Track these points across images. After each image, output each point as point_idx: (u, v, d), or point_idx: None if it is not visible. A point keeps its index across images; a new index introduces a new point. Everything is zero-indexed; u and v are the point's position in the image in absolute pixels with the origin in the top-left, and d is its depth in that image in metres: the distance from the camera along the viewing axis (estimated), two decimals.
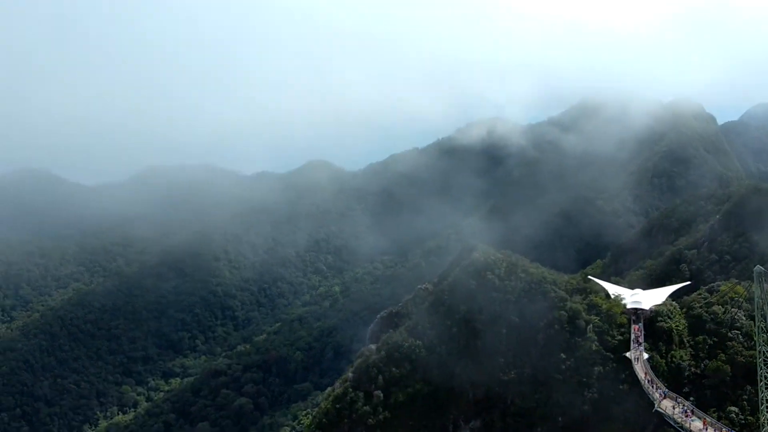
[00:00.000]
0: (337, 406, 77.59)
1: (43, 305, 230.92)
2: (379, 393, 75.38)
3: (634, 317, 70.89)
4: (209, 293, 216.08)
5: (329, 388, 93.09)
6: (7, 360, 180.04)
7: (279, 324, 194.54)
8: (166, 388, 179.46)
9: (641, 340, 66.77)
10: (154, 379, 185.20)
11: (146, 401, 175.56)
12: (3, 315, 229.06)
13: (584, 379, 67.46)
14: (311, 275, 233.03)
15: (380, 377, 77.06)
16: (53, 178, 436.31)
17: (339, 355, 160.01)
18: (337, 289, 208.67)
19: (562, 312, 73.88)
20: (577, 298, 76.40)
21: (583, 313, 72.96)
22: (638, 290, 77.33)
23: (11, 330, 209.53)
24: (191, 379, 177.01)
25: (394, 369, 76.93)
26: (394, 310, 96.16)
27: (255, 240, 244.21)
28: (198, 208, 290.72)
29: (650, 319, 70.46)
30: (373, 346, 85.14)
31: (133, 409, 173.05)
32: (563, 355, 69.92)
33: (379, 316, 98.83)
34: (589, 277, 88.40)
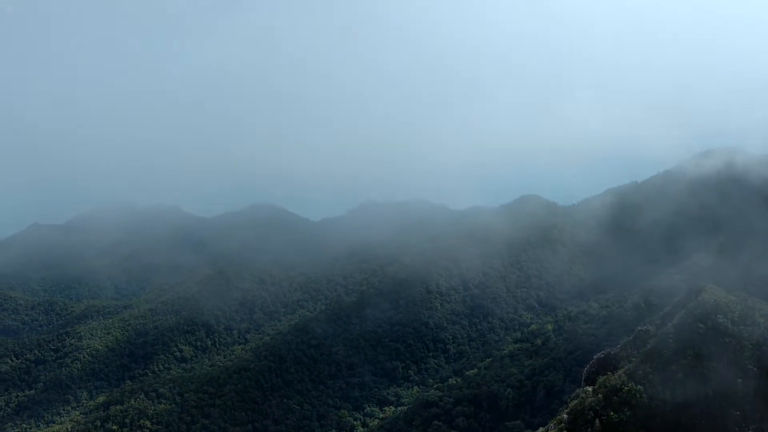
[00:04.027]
0: None
1: (272, 329, 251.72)
2: None
3: None
4: (422, 325, 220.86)
5: (541, 429, 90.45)
6: (242, 378, 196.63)
7: (490, 359, 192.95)
8: (381, 415, 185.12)
9: None
10: (369, 406, 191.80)
11: (362, 427, 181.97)
12: (239, 337, 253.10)
13: None
14: (523, 312, 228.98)
15: (597, 421, 73.53)
16: (284, 212, 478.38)
17: (551, 395, 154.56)
18: (549, 327, 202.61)
19: None
20: None
21: None
22: None
23: (245, 351, 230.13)
24: (404, 408, 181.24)
25: (612, 413, 73.00)
26: (612, 352, 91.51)
27: (466, 274, 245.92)
28: (411, 242, 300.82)
29: None
30: (589, 389, 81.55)
31: None
32: None
33: (595, 357, 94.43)
34: None
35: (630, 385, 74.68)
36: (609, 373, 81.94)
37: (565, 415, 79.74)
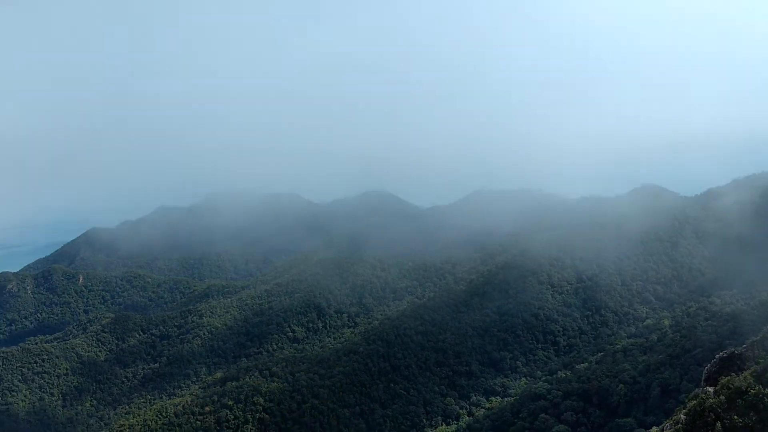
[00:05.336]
0: None
1: (381, 314, 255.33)
2: None
3: None
4: (531, 316, 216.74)
5: (655, 428, 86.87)
6: (350, 361, 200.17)
7: (601, 354, 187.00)
8: (487, 405, 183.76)
9: None
10: (475, 395, 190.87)
11: (468, 416, 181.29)
12: (349, 321, 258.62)
13: None
14: (638, 306, 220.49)
15: (718, 424, 69.75)
16: (395, 199, 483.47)
17: (666, 393, 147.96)
18: (666, 322, 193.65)
19: None
20: None
21: None
22: None
23: (355, 335, 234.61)
24: (511, 399, 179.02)
25: (736, 417, 68.97)
26: (736, 351, 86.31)
27: (579, 265, 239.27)
28: (523, 231, 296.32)
29: None
30: (710, 389, 77.41)
31: (455, 422, 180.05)
32: None
33: (717, 356, 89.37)
34: None
35: (757, 388, 70.16)
36: (733, 374, 77.44)
37: (682, 416, 76.17)
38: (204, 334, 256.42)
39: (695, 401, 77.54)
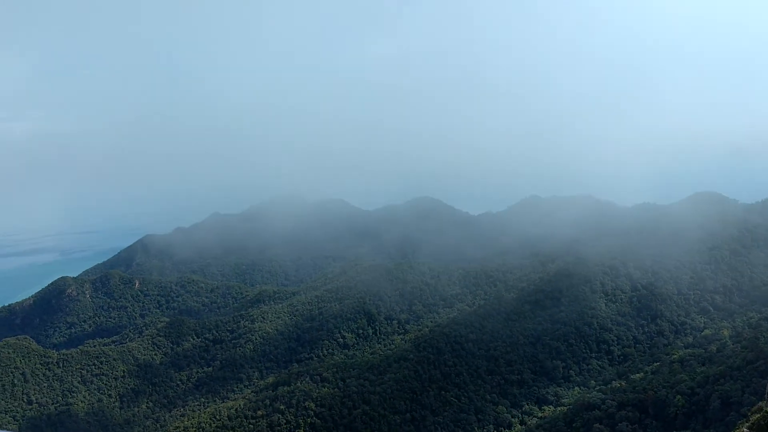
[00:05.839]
0: None
1: (431, 321, 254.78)
2: None
3: None
4: (584, 325, 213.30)
5: None
6: (401, 368, 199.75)
7: (658, 364, 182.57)
8: (540, 414, 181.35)
9: None
10: (528, 404, 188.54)
11: (520, 424, 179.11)
12: (399, 327, 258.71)
13: None
14: (695, 315, 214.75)
15: None
16: (445, 206, 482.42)
17: (727, 406, 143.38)
18: (726, 333, 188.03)
19: None
20: None
21: None
22: None
23: (405, 341, 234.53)
24: (564, 408, 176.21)
25: None
26: None
27: (633, 273, 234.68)
28: (575, 239, 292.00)
29: None
30: None
31: (507, 430, 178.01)
32: None
33: None
34: None
35: None
36: None
37: (745, 429, 74.00)
38: (256, 339, 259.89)
39: (759, 414, 75.12)
